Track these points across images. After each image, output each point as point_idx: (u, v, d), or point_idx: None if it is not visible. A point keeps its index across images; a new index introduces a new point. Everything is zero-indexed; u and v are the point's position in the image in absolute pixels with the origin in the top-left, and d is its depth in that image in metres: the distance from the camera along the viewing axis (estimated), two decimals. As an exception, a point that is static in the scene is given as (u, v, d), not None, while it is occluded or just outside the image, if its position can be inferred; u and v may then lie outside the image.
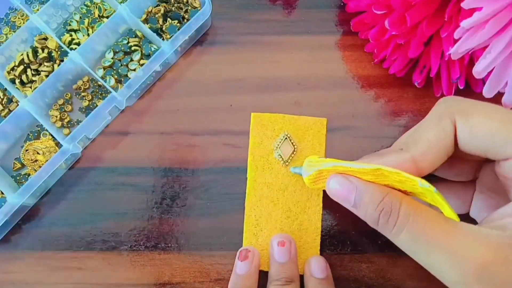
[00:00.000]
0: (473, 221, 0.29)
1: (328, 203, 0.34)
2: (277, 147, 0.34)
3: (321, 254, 0.33)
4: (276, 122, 0.34)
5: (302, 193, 0.33)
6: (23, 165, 0.36)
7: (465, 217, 0.26)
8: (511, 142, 0.23)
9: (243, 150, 0.35)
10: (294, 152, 0.34)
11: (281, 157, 0.33)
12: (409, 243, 0.23)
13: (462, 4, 0.26)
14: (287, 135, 0.34)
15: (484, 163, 0.28)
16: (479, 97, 0.35)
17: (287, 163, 0.33)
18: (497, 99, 0.35)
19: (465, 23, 0.26)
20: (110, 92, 0.35)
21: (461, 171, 0.29)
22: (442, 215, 0.23)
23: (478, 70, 0.28)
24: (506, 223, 0.22)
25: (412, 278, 0.33)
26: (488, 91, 0.29)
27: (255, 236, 0.33)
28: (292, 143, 0.34)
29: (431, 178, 0.26)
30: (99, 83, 0.37)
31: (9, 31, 0.38)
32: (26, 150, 0.35)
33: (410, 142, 0.26)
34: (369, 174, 0.25)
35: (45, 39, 0.37)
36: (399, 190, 0.25)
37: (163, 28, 0.37)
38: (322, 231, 0.33)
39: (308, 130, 0.34)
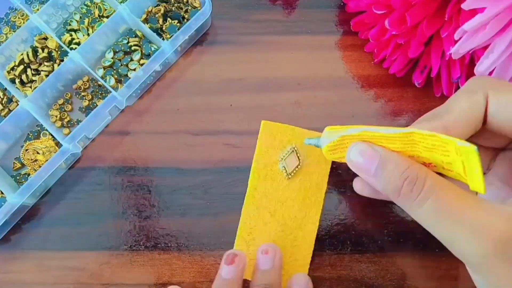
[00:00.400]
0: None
1: (328, 207, 0.34)
2: (282, 159, 0.33)
3: (321, 254, 0.33)
4: (285, 133, 0.33)
5: (301, 209, 0.33)
6: (23, 165, 0.36)
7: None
8: None
9: (243, 150, 0.35)
10: (299, 166, 0.33)
11: (285, 169, 0.33)
12: (430, 215, 0.23)
13: (463, 6, 0.26)
14: (294, 148, 0.33)
15: (500, 152, 0.28)
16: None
17: (290, 176, 0.33)
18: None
19: (467, 26, 0.26)
20: (110, 92, 0.35)
21: None
22: (466, 190, 0.23)
23: (480, 70, 0.28)
24: None
25: (412, 278, 0.33)
26: None
27: (246, 244, 0.32)
28: (298, 157, 0.33)
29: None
30: (99, 83, 0.37)
31: (9, 31, 0.38)
32: (26, 150, 0.35)
33: (442, 111, 0.25)
34: (397, 141, 0.24)
35: (45, 38, 0.37)
36: (423, 164, 0.25)
37: (163, 28, 0.37)
38: (322, 231, 0.33)
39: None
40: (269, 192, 0.33)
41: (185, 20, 0.37)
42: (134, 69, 0.37)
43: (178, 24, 0.37)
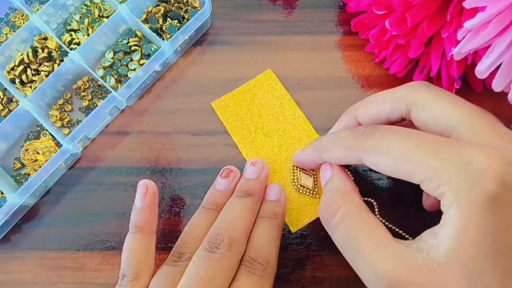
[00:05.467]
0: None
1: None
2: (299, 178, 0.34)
3: (321, 254, 0.33)
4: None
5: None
6: (23, 165, 0.36)
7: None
8: (415, 172, 0.23)
9: (243, 150, 0.35)
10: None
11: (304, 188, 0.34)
12: (340, 241, 0.26)
13: (464, 4, 0.26)
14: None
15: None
16: (480, 97, 0.35)
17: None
18: (499, 100, 0.35)
19: (468, 24, 0.26)
20: (110, 92, 0.35)
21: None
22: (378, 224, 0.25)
23: (481, 69, 0.28)
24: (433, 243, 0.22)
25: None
26: (497, 84, 0.29)
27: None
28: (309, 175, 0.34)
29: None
30: (99, 83, 0.37)
31: (9, 31, 0.38)
32: (26, 150, 0.35)
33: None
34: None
35: (45, 39, 0.37)
36: None
37: (163, 28, 0.37)
38: (322, 231, 0.33)
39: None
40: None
41: (185, 20, 0.37)
42: (134, 69, 0.37)
43: (178, 24, 0.37)
